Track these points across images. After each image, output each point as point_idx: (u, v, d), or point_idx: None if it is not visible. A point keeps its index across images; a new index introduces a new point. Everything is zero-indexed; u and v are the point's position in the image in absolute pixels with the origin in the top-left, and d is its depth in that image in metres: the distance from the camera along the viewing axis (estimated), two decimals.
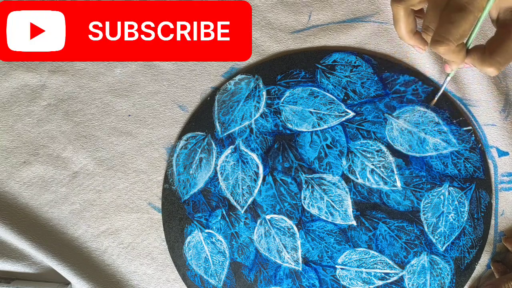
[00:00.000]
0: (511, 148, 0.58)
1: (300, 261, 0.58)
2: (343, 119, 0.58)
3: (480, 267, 0.58)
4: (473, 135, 0.57)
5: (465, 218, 0.57)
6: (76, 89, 0.61)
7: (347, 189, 0.58)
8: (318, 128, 0.58)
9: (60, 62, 0.60)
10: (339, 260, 0.58)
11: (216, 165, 0.60)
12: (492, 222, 0.58)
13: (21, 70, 0.61)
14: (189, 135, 0.60)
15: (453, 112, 0.57)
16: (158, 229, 0.60)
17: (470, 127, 0.57)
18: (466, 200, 0.57)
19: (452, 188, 0.57)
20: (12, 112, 0.61)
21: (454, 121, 0.57)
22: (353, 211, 0.58)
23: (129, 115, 0.61)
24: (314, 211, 0.58)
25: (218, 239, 0.59)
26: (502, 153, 0.58)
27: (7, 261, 0.61)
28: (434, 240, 0.57)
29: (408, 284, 0.57)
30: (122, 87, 0.61)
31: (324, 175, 0.58)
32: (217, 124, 0.60)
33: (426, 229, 0.57)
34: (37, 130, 0.61)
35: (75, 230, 0.61)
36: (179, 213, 0.60)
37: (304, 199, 0.58)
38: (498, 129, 0.57)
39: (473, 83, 0.57)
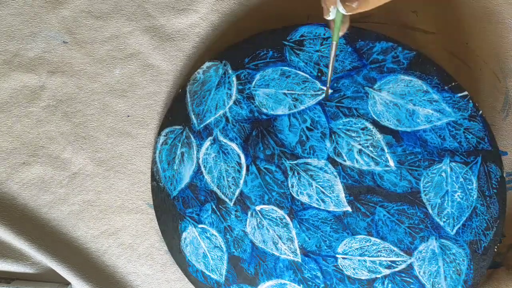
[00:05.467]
0: (510, 148, 0.55)
1: (299, 252, 0.55)
2: (320, 97, 0.54)
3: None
4: (470, 101, 0.51)
5: (475, 197, 0.52)
6: (75, 90, 0.61)
7: (335, 173, 0.54)
8: (295, 110, 0.55)
9: (59, 63, 0.61)
10: (339, 249, 0.54)
11: (198, 158, 0.58)
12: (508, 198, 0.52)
13: (20, 71, 0.61)
14: (167, 130, 0.59)
15: (443, 78, 0.51)
16: (157, 230, 0.60)
17: (466, 92, 0.51)
18: (473, 176, 0.51)
19: (454, 163, 0.52)
20: (11, 113, 0.62)
21: (446, 87, 0.51)
22: (345, 196, 0.54)
23: (128, 116, 0.61)
24: (304, 198, 0.55)
25: (213, 234, 0.58)
26: (501, 153, 0.55)
27: (7, 261, 0.61)
28: (441, 223, 0.52)
29: (419, 272, 0.53)
30: (121, 88, 0.61)
31: (309, 160, 0.55)
32: (193, 116, 0.58)
33: (430, 211, 0.52)
34: (36, 131, 0.62)
35: (75, 231, 0.61)
36: (171, 210, 0.59)
37: (292, 187, 0.55)
38: (498, 129, 0.55)
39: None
